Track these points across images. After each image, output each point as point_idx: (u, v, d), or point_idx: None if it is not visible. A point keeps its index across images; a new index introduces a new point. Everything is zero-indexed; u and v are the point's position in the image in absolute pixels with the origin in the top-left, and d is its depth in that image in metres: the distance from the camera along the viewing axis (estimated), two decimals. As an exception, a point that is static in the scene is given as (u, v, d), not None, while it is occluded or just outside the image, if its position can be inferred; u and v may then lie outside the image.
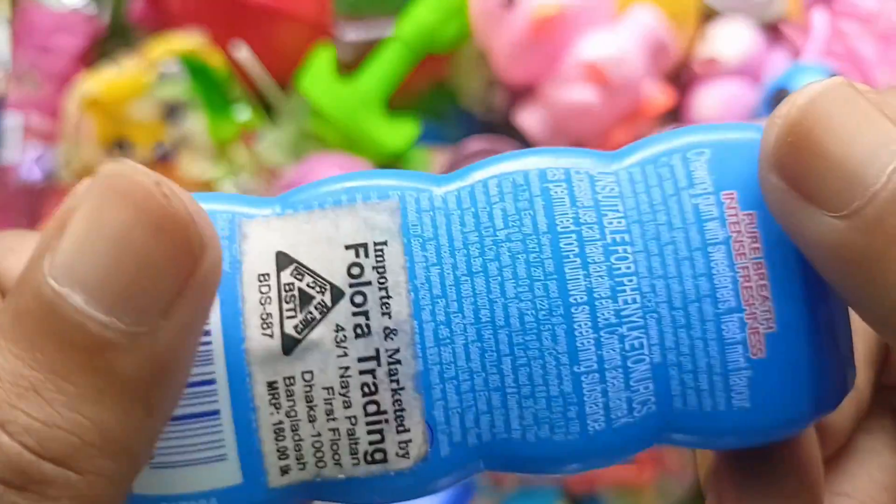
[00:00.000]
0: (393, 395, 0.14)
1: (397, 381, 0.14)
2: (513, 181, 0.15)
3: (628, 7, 0.44)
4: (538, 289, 0.15)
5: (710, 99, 0.45)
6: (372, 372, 0.14)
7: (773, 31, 0.48)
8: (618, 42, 0.42)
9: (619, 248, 0.15)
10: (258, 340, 0.14)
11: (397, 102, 0.46)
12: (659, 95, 0.43)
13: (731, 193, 0.15)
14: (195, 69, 0.44)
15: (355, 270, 0.15)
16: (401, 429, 0.14)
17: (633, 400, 0.15)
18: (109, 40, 0.49)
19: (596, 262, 0.15)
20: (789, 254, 0.14)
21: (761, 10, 0.46)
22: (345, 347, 0.14)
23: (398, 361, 0.14)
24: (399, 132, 0.45)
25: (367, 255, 0.15)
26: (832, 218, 0.13)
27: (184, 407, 0.14)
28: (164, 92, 0.43)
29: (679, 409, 0.15)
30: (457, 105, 0.49)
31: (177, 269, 0.12)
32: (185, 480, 0.14)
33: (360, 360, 0.14)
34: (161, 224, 0.12)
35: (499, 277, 0.15)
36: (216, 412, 0.14)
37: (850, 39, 0.47)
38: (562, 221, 0.15)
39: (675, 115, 0.46)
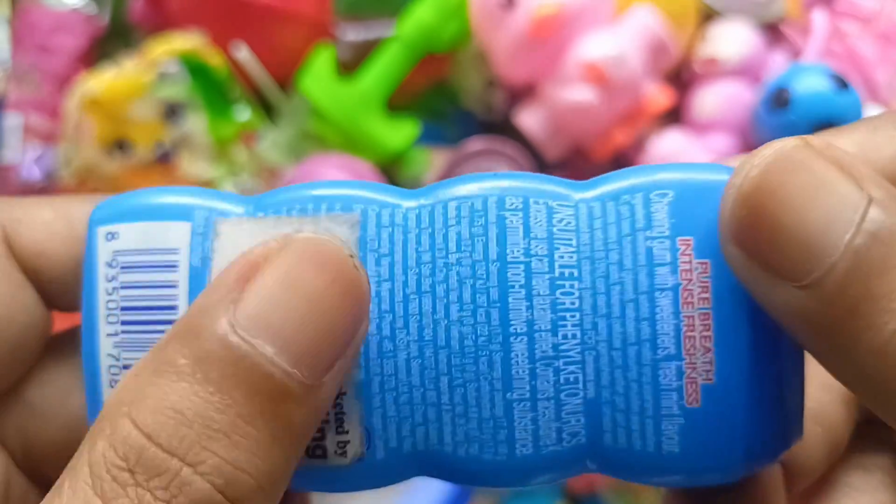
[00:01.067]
0: (335, 399, 0.15)
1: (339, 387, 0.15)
2: (471, 206, 0.15)
3: (628, 7, 0.44)
4: (480, 315, 0.15)
5: (710, 99, 0.45)
6: None
7: (773, 31, 0.47)
8: (618, 42, 0.42)
9: (566, 283, 0.15)
10: None
11: (397, 102, 0.46)
12: (659, 95, 0.43)
13: (688, 240, 0.15)
14: (195, 69, 0.44)
15: None
16: (340, 430, 0.15)
17: (564, 430, 0.15)
18: (109, 40, 0.49)
19: (540, 295, 0.15)
20: (739, 307, 0.14)
21: (761, 10, 0.46)
22: None
23: None
24: (399, 132, 0.45)
25: None
26: (794, 288, 0.12)
27: None
28: (164, 92, 0.43)
29: (609, 445, 0.15)
30: (457, 105, 0.49)
31: (349, 332, 0.13)
32: None
33: None
34: (349, 291, 0.13)
35: (445, 300, 0.15)
36: None
37: (850, 39, 0.47)
38: (512, 251, 0.15)
39: (675, 115, 0.46)
